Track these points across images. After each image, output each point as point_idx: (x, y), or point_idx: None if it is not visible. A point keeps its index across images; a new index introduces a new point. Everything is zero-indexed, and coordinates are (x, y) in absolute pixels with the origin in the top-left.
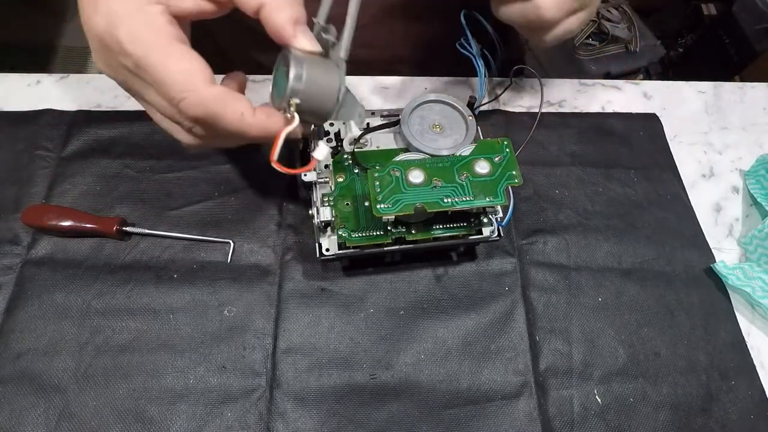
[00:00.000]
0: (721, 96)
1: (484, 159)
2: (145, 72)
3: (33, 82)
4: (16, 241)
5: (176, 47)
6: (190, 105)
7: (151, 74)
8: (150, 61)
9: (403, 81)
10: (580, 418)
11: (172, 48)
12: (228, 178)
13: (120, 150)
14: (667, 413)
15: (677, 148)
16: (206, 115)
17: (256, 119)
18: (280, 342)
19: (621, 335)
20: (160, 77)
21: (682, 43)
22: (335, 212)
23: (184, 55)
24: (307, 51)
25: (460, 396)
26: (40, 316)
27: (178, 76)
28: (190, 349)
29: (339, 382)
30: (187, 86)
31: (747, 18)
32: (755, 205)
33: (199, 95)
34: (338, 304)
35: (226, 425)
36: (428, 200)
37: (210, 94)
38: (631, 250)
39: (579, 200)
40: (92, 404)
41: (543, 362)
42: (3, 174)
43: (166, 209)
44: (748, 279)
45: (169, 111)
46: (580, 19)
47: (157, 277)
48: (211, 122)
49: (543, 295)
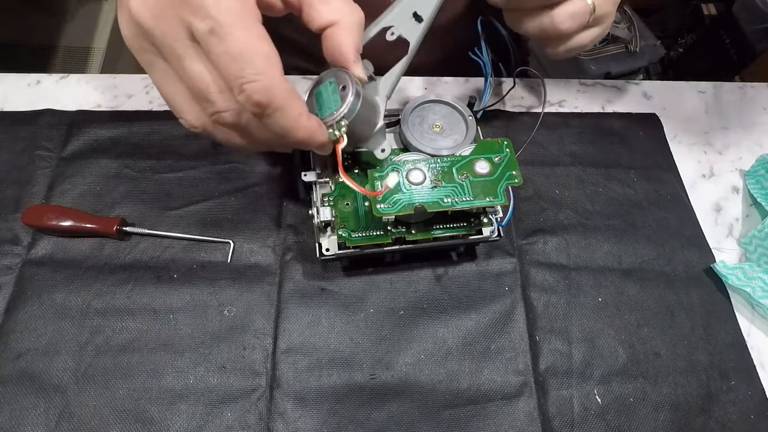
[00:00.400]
0: (721, 96)
1: (484, 159)
2: (221, 41)
3: (33, 82)
4: (16, 241)
5: (262, 30)
6: (259, 88)
7: (229, 45)
8: (234, 32)
9: (403, 81)
10: (580, 418)
11: (258, 28)
12: (228, 178)
13: (120, 150)
14: (667, 413)
15: (677, 148)
16: (269, 104)
17: (310, 123)
18: (280, 342)
19: (621, 335)
20: (238, 51)
21: (682, 43)
22: (335, 212)
23: (267, 40)
24: (360, 78)
25: (460, 396)
26: (40, 316)
27: (258, 57)
28: (190, 349)
29: (339, 382)
30: (263, 69)
31: (747, 18)
32: (755, 205)
33: (272, 82)
34: (338, 304)
35: (226, 425)
36: (428, 200)
37: (282, 84)
38: (631, 250)
39: (579, 200)
40: (92, 404)
41: (543, 362)
42: (3, 174)
43: (166, 209)
44: (748, 279)
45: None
46: (593, 34)
47: (157, 277)
48: (268, 112)
49: (543, 295)
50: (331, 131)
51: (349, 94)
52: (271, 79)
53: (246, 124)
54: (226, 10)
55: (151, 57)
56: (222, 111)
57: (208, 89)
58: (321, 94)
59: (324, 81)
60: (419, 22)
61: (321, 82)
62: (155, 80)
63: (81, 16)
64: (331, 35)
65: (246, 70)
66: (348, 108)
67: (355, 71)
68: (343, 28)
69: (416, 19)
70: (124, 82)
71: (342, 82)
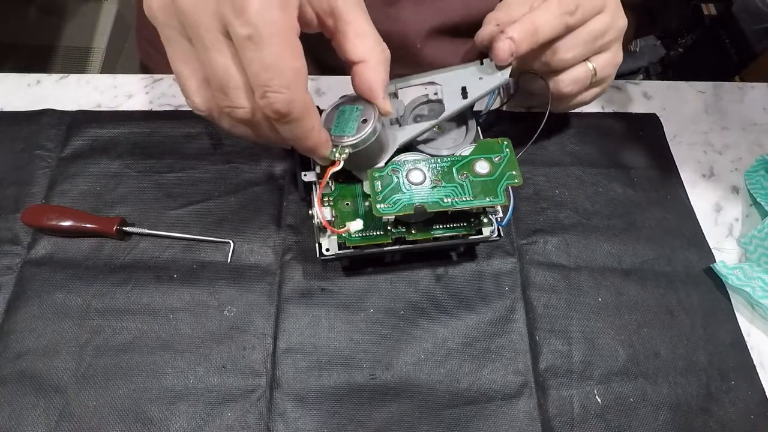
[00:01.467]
0: (721, 96)
1: (484, 159)
2: (257, 49)
3: (33, 82)
4: (16, 241)
5: (297, 44)
6: (282, 99)
7: (263, 54)
8: (271, 43)
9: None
10: (580, 418)
11: (294, 42)
12: (228, 178)
13: (120, 150)
14: (667, 413)
15: (677, 148)
16: (287, 114)
17: (319, 136)
18: (280, 342)
19: (621, 335)
20: (271, 62)
21: (682, 43)
22: (335, 212)
23: (300, 54)
24: (386, 112)
25: (460, 396)
26: (40, 316)
27: (289, 71)
28: (190, 349)
29: (339, 382)
30: (290, 83)
31: (747, 18)
32: (755, 205)
33: (295, 96)
34: (338, 304)
35: (226, 425)
36: (428, 200)
37: (304, 98)
38: (631, 250)
39: (579, 200)
40: (92, 404)
41: (543, 362)
42: (3, 174)
43: (166, 209)
44: (748, 279)
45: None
46: (594, 94)
47: (157, 277)
48: (284, 121)
49: (543, 295)
50: (334, 151)
51: (366, 129)
52: (296, 93)
53: (256, 122)
54: (268, 21)
55: (174, 34)
56: (237, 107)
57: (228, 84)
58: (344, 113)
59: (353, 103)
60: (464, 98)
61: (350, 102)
62: (171, 55)
63: (81, 16)
64: (361, 72)
65: (274, 80)
66: (359, 140)
67: (382, 106)
68: (372, 67)
69: (462, 95)
70: (124, 82)
71: (366, 115)
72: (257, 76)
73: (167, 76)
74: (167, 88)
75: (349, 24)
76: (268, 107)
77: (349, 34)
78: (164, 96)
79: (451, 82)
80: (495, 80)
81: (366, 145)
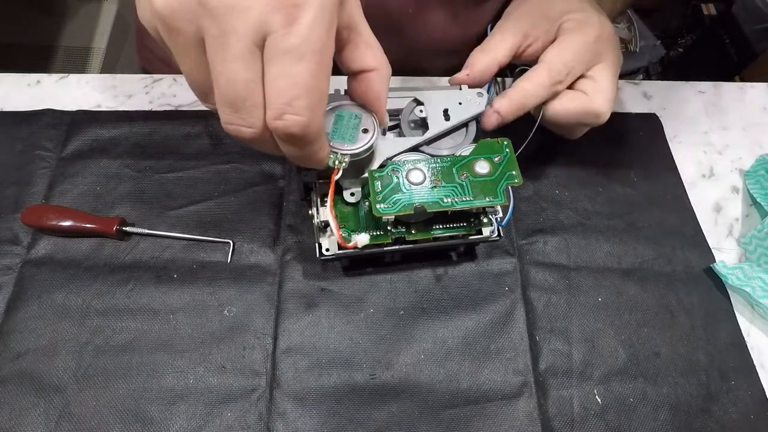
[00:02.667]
0: (721, 96)
1: (484, 159)
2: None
3: (33, 82)
4: (15, 241)
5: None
6: (298, 123)
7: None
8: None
9: (403, 80)
10: (580, 418)
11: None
12: (228, 178)
13: (120, 150)
14: (667, 413)
15: (677, 148)
16: (300, 138)
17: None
18: (280, 342)
19: (621, 335)
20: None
21: (682, 43)
22: (336, 211)
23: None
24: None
25: (460, 396)
26: (40, 316)
27: (315, 93)
28: (190, 349)
29: (339, 382)
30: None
31: (747, 18)
32: (755, 205)
33: (312, 121)
34: (338, 304)
35: (226, 425)
36: (428, 200)
37: (319, 123)
38: (631, 250)
39: (579, 200)
40: (92, 404)
41: (543, 362)
42: (3, 174)
43: (166, 209)
44: (748, 279)
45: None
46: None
47: (157, 277)
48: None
49: (543, 295)
50: (332, 158)
51: (367, 139)
52: (313, 119)
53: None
54: (316, 37)
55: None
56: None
57: (245, 101)
58: (342, 119)
59: (351, 110)
60: (446, 120)
61: (347, 107)
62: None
63: (81, 16)
64: (369, 80)
65: (300, 101)
66: (359, 151)
67: (384, 116)
68: (381, 76)
69: (444, 117)
70: (124, 82)
71: (366, 125)
72: (282, 93)
73: (167, 76)
74: (167, 88)
75: (361, 35)
76: (282, 129)
77: (361, 45)
78: (164, 96)
79: (433, 101)
80: (474, 108)
81: (365, 155)
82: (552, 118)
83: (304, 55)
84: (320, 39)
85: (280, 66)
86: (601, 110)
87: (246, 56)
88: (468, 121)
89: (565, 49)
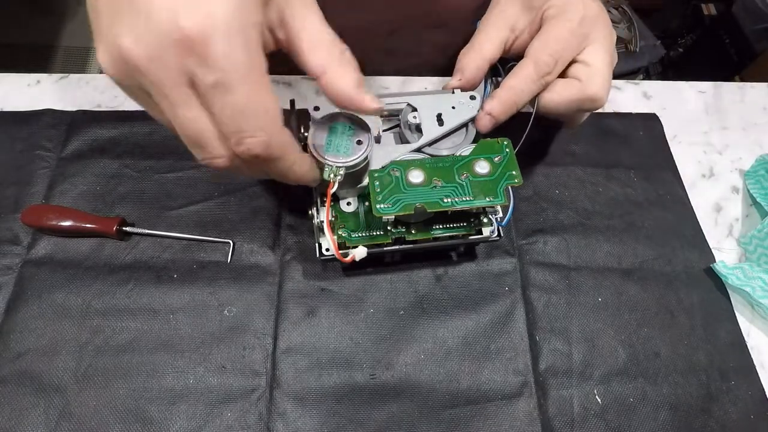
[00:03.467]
0: (721, 96)
1: (484, 159)
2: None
3: (33, 82)
4: (15, 241)
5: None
6: (259, 143)
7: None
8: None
9: (404, 81)
10: (580, 418)
11: (264, 80)
12: (228, 178)
13: (120, 150)
14: (667, 413)
15: (677, 148)
16: (267, 157)
17: (300, 170)
18: (280, 342)
19: (621, 335)
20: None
21: (682, 43)
22: (335, 212)
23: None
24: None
25: (460, 396)
26: (40, 316)
27: (261, 112)
28: (190, 349)
29: (339, 382)
30: (264, 125)
31: (747, 18)
32: (755, 205)
33: (272, 137)
34: (338, 304)
35: (226, 425)
36: (428, 200)
37: (281, 137)
38: (631, 250)
39: (579, 200)
40: (92, 404)
41: (543, 362)
42: (3, 174)
43: (166, 209)
44: (748, 279)
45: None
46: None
47: (157, 277)
48: (265, 162)
49: (543, 295)
50: (328, 171)
51: (361, 151)
52: (272, 135)
53: (237, 167)
54: (235, 64)
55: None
56: (215, 157)
57: (202, 136)
58: (336, 131)
59: (345, 122)
60: (440, 125)
61: (340, 120)
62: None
63: (81, 16)
64: (326, 84)
65: (249, 123)
66: (354, 163)
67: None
68: (336, 76)
69: (438, 122)
70: None
71: (359, 136)
72: (230, 123)
73: None
74: None
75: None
76: (246, 153)
77: (302, 47)
78: None
79: (426, 106)
80: (468, 112)
81: (360, 167)
82: (547, 110)
83: (230, 84)
84: (240, 63)
85: (215, 100)
86: (597, 94)
87: (185, 99)
88: (461, 125)
89: (549, 38)
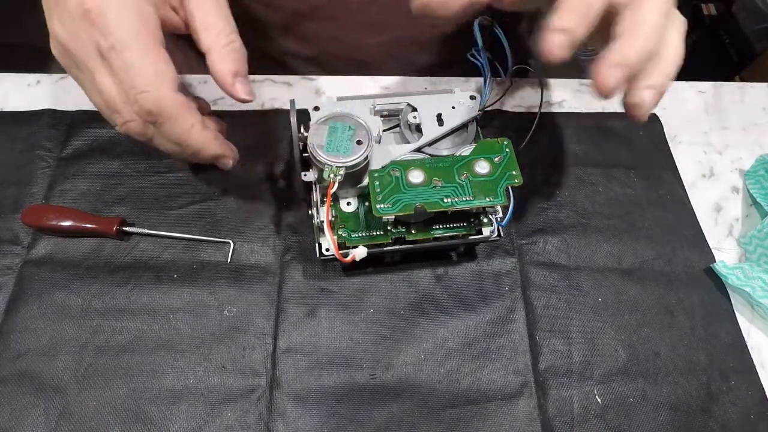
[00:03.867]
0: (721, 96)
1: (484, 159)
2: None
3: (33, 82)
4: (15, 241)
5: (160, 49)
6: (149, 98)
7: (125, 59)
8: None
9: (404, 81)
10: (580, 418)
11: (155, 48)
12: (228, 179)
13: (120, 150)
14: (667, 413)
15: (677, 148)
16: (159, 113)
17: (203, 135)
18: (280, 342)
19: (621, 335)
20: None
21: None
22: (335, 212)
23: (162, 58)
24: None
25: (460, 396)
26: (40, 316)
27: (150, 71)
28: (190, 349)
29: (339, 382)
30: (153, 82)
31: (747, 18)
32: (755, 205)
33: (161, 94)
34: (338, 304)
35: (226, 425)
36: (428, 200)
37: (171, 96)
38: (631, 250)
39: (579, 200)
40: (92, 404)
41: (543, 362)
42: (3, 174)
43: (166, 209)
44: (748, 279)
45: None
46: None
47: (157, 277)
48: (160, 121)
49: (543, 295)
50: (328, 171)
51: (361, 151)
52: (160, 91)
53: (151, 134)
54: (125, 30)
55: (75, 71)
56: (128, 121)
57: (114, 100)
58: (336, 131)
59: (345, 121)
60: (440, 125)
61: (341, 120)
62: (83, 90)
63: None
64: (209, 63)
65: (137, 80)
66: (354, 163)
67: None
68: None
69: (438, 122)
70: None
71: (359, 136)
72: (124, 81)
73: None
74: None
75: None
76: (141, 111)
77: (195, 27)
78: None
79: (426, 106)
80: (467, 112)
81: (360, 167)
82: None
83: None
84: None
85: (113, 63)
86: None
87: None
88: (461, 125)
89: None
